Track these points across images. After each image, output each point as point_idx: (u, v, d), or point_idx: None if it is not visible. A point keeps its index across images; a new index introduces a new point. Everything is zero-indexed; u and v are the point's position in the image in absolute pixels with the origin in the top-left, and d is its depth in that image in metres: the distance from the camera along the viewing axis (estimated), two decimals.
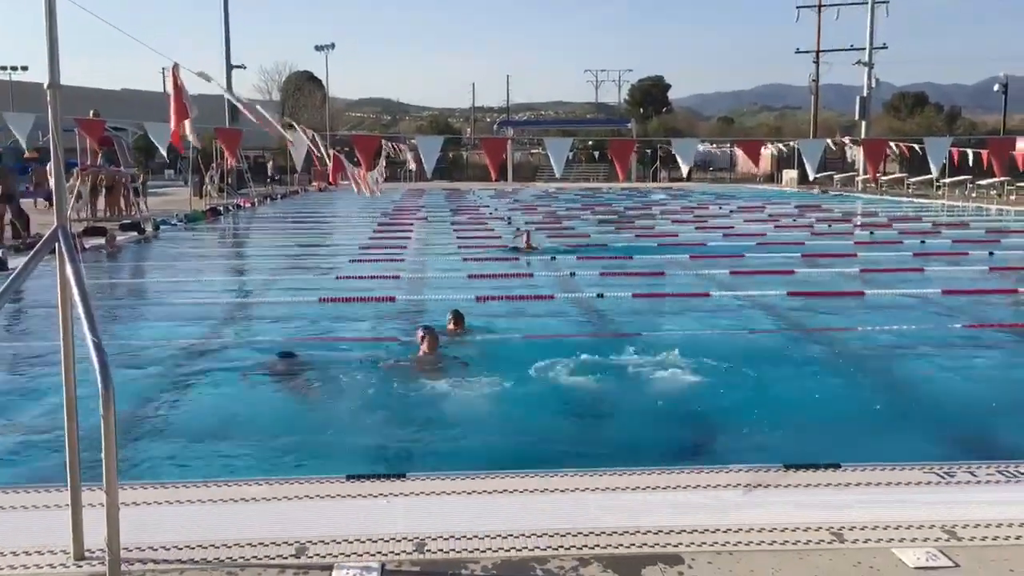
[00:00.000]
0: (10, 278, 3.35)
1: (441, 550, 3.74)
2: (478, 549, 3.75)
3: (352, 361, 7.69)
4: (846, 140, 33.51)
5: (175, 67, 5.39)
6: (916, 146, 25.54)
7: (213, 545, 3.76)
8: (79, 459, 3.61)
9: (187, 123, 6.04)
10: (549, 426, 6.11)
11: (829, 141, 20.23)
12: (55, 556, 3.64)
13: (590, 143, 58.21)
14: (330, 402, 6.72)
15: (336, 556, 3.67)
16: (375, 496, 4.34)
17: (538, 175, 59.74)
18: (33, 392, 6.90)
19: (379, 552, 3.71)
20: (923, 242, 17.75)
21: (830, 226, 22.31)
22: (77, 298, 3.24)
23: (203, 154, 30.06)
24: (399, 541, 3.81)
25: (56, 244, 3.38)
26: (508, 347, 8.45)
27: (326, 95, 75.38)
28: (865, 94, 48.45)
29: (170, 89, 6.22)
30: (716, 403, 6.60)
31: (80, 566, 3.58)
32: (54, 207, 3.56)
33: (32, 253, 3.39)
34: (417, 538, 3.84)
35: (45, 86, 3.31)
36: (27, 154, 17.29)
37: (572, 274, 13.15)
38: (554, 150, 10.77)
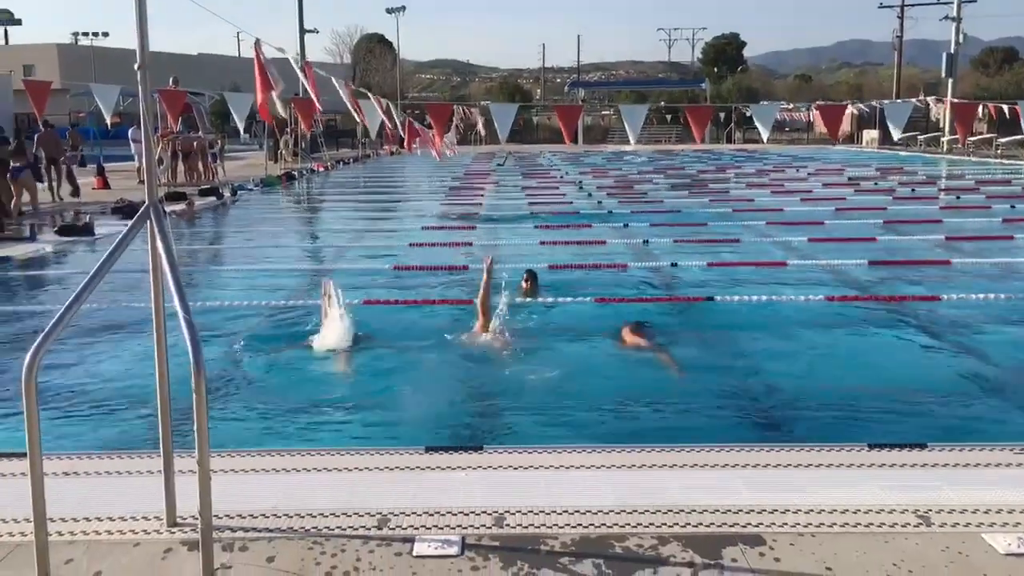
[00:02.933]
0: (105, 255, 3.45)
1: (520, 524, 3.77)
2: (556, 525, 3.77)
3: (423, 329, 7.74)
4: (931, 101, 32.24)
5: (257, 43, 5.45)
6: (1005, 106, 24.36)
7: (298, 514, 3.85)
8: (171, 425, 3.73)
9: (274, 94, 6.14)
10: (621, 397, 6.06)
11: (915, 101, 19.52)
12: (149, 522, 3.78)
13: (662, 104, 57.28)
14: (400, 370, 6.76)
15: (417, 528, 3.73)
16: (453, 468, 4.39)
17: (609, 137, 59.13)
18: (123, 361, 7.13)
19: (459, 525, 3.76)
20: (1013, 207, 17.05)
21: (913, 190, 21.58)
22: (168, 275, 3.32)
23: (278, 119, 30.50)
24: (478, 515, 3.85)
25: (148, 221, 3.46)
26: (579, 311, 8.43)
27: (396, 57, 75.62)
28: (952, 50, 46.45)
29: (251, 58, 6.29)
30: (796, 377, 6.48)
31: (173, 532, 3.71)
32: (144, 181, 3.64)
33: (127, 229, 3.48)
34: (496, 512, 3.88)
35: (135, 67, 3.38)
36: (109, 120, 17.83)
37: (645, 242, 13.01)
38: (629, 117, 10.60)
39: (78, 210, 16.31)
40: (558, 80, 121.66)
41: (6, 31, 77.12)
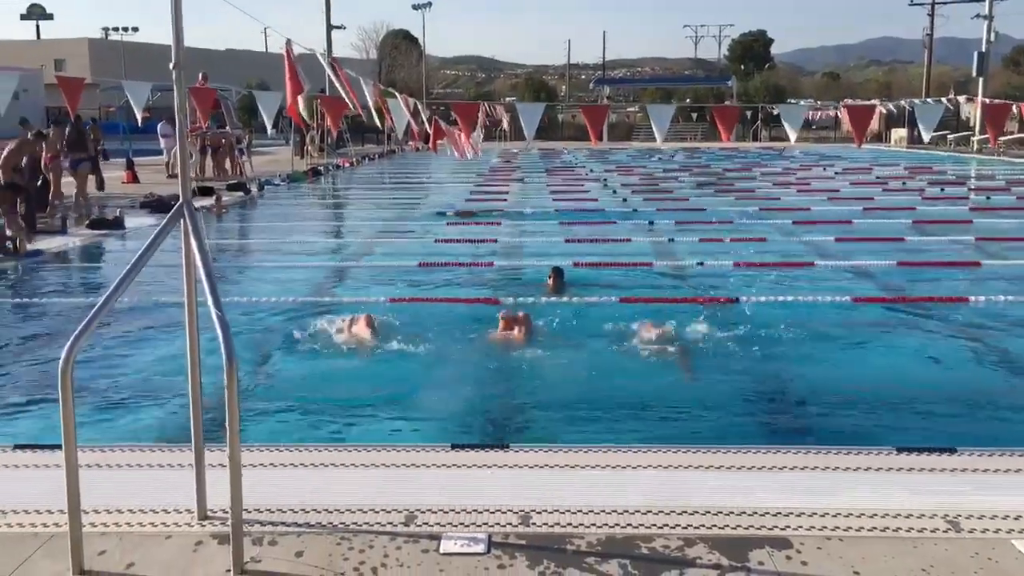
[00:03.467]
0: (139, 253, 3.50)
1: (546, 524, 3.79)
2: (583, 524, 3.78)
3: (448, 327, 7.75)
4: (962, 100, 31.88)
5: (288, 43, 5.50)
6: None
7: (327, 510, 3.89)
8: (202, 421, 3.77)
9: (300, 98, 6.20)
10: (647, 397, 6.05)
11: (944, 100, 19.31)
12: (180, 515, 3.83)
13: (688, 100, 56.95)
14: (426, 367, 6.75)
15: (444, 526, 3.75)
16: (479, 466, 4.41)
17: (634, 135, 58.92)
18: (154, 355, 7.21)
19: (485, 523, 3.78)
20: None
21: (943, 190, 21.37)
22: (202, 273, 3.36)
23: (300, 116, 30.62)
24: (504, 513, 3.87)
25: (181, 220, 3.50)
26: (603, 311, 8.40)
27: (422, 53, 75.79)
28: (983, 48, 45.87)
29: (277, 53, 6.35)
30: (823, 379, 6.44)
31: (204, 525, 3.75)
32: (179, 180, 3.67)
33: (161, 227, 3.53)
34: (522, 511, 3.89)
35: (171, 66, 3.42)
36: (139, 116, 18.04)
37: (671, 240, 12.98)
38: (656, 117, 10.54)
39: (104, 204, 16.54)
40: (583, 77, 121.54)
41: (38, 26, 78.17)
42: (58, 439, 3.34)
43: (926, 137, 14.30)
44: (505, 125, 44.05)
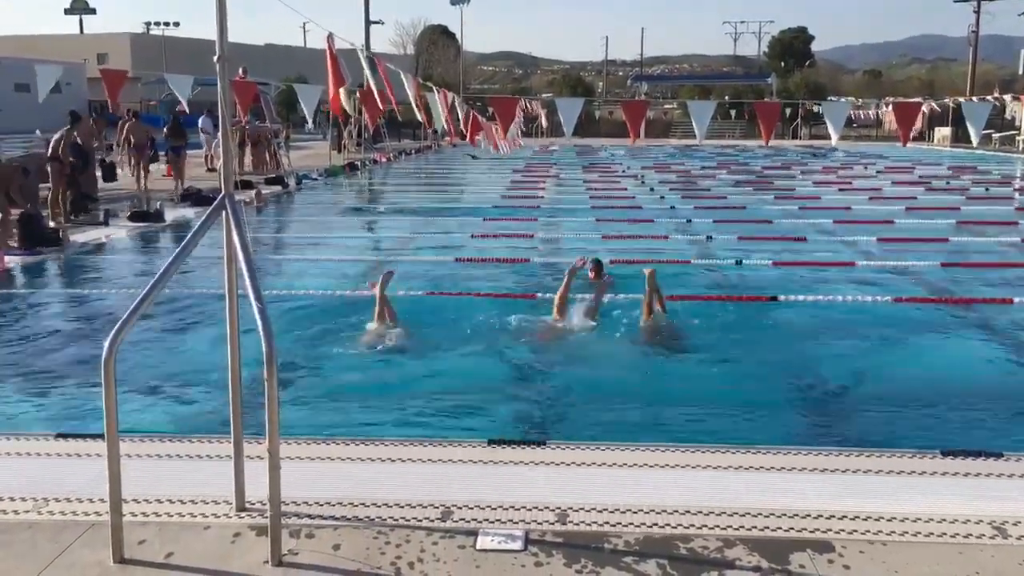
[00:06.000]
0: (181, 245, 3.52)
1: (583, 522, 3.76)
2: (620, 523, 3.74)
3: (485, 323, 7.73)
4: (1007, 98, 31.20)
5: (330, 37, 5.51)
6: None
7: (363, 504, 3.89)
8: (241, 413, 3.79)
9: (342, 91, 6.22)
10: (686, 396, 5.99)
11: (991, 98, 18.96)
12: (218, 506, 3.86)
13: (726, 98, 56.43)
14: (463, 363, 6.74)
15: (480, 522, 3.74)
16: (516, 463, 4.39)
17: (671, 132, 58.50)
18: (194, 347, 7.29)
19: (522, 520, 3.76)
20: None
21: (988, 190, 20.95)
22: (243, 265, 3.37)
23: (342, 110, 30.77)
24: (541, 510, 3.85)
25: (223, 212, 3.52)
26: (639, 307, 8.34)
27: (460, 49, 75.84)
28: None
29: (316, 48, 6.38)
30: (865, 381, 6.32)
31: (242, 517, 3.77)
32: (221, 173, 3.69)
33: (203, 219, 3.55)
34: (559, 508, 3.87)
35: (215, 59, 3.43)
36: (179, 108, 18.32)
37: (709, 238, 12.86)
38: (696, 114, 10.43)
39: (137, 196, 16.89)
40: (620, 73, 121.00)
41: (81, 20, 79.40)
42: (99, 429, 3.37)
43: (975, 136, 13.98)
44: (543, 121, 44.01)
